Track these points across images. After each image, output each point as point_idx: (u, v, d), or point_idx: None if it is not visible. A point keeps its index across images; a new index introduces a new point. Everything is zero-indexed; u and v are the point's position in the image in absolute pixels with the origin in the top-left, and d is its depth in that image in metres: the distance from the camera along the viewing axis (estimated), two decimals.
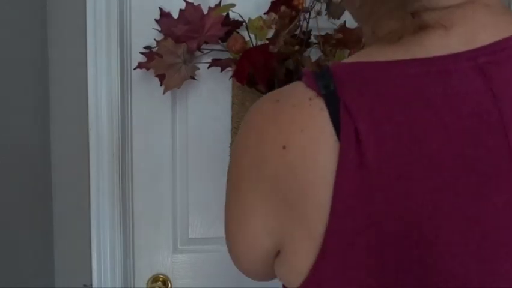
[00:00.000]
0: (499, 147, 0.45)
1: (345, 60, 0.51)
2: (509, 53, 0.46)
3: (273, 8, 1.18)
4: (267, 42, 1.16)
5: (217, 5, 1.21)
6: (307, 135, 0.46)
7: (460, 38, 0.48)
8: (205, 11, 1.21)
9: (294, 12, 1.13)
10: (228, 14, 1.20)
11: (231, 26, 1.21)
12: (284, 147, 0.46)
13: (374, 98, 0.45)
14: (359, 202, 0.44)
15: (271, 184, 0.48)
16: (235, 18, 1.21)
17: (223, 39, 1.21)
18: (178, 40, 1.20)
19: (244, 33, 1.20)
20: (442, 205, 0.44)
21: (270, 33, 1.17)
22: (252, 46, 1.18)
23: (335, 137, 0.45)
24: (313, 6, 1.16)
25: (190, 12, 1.21)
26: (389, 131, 0.44)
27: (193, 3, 1.22)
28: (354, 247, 0.45)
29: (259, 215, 0.50)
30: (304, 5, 1.16)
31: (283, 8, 1.12)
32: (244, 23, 1.19)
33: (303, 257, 0.48)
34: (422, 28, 0.48)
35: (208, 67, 1.23)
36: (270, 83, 1.18)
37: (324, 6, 1.17)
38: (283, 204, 0.48)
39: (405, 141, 0.44)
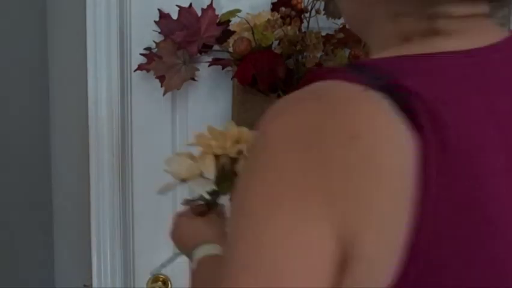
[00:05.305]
0: None
1: (375, 57, 0.51)
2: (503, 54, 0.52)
3: (274, 9, 1.18)
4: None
5: (210, 6, 1.20)
6: (376, 123, 0.43)
7: (464, 41, 0.51)
8: (199, 12, 1.20)
9: (293, 12, 1.14)
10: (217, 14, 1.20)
11: (226, 25, 1.20)
12: (352, 137, 0.43)
13: (439, 85, 0.47)
14: (443, 188, 0.43)
15: (337, 181, 0.43)
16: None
17: (220, 40, 1.21)
18: (178, 47, 1.20)
19: (244, 33, 1.20)
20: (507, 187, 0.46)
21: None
22: (255, 44, 1.17)
23: (403, 125, 0.43)
24: (314, 6, 1.16)
25: (185, 17, 1.21)
26: (463, 115, 0.46)
27: (186, 7, 1.21)
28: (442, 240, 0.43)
29: (311, 226, 0.42)
30: (303, 5, 1.16)
31: (282, 9, 1.12)
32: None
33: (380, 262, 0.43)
34: (435, 33, 0.50)
35: (209, 65, 1.23)
36: (272, 81, 1.17)
37: (323, 5, 1.17)
38: (351, 200, 0.43)
39: (479, 124, 0.47)
